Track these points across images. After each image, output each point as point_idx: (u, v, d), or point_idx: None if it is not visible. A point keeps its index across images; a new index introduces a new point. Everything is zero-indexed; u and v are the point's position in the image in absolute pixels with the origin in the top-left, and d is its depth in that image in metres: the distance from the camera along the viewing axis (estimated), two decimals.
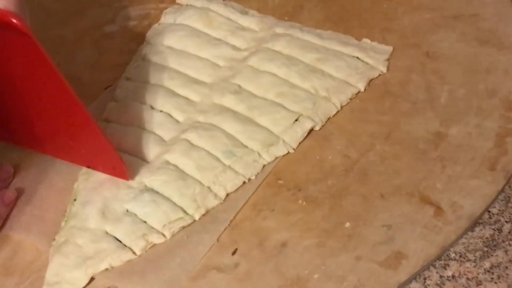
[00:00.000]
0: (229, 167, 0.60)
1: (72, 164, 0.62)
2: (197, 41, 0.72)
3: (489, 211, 0.57)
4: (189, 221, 0.56)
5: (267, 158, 0.61)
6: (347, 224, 0.55)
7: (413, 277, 0.52)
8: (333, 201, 0.57)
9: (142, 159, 0.61)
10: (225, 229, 0.56)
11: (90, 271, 0.53)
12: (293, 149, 0.62)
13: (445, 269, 0.53)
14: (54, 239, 0.56)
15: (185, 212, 0.57)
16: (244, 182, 0.59)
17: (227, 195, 0.59)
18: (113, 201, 0.57)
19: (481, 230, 0.56)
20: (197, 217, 0.57)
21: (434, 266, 0.53)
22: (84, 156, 0.60)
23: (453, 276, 0.53)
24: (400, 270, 0.52)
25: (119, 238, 0.55)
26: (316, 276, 0.52)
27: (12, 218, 0.59)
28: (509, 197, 0.58)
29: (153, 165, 0.60)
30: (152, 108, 0.65)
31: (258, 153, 0.61)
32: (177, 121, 0.64)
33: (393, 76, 0.68)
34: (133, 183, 0.59)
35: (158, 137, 0.63)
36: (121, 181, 0.59)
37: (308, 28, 0.74)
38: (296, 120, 0.63)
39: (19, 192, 0.60)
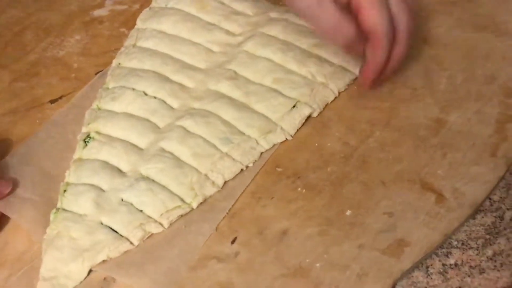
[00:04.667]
0: (227, 154, 0.58)
1: (64, 150, 0.60)
2: (191, 26, 0.70)
3: (490, 198, 0.56)
4: (187, 210, 0.55)
5: (265, 145, 0.60)
6: (348, 212, 0.54)
7: (416, 265, 0.52)
8: (333, 188, 0.56)
9: (135, 146, 0.60)
10: (224, 217, 0.55)
11: (87, 263, 0.51)
12: (291, 136, 0.61)
13: (448, 257, 0.52)
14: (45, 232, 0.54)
15: (182, 200, 0.55)
16: (242, 170, 0.58)
17: (225, 182, 0.57)
18: (107, 191, 0.56)
19: (483, 217, 0.55)
20: (195, 205, 0.55)
21: (437, 254, 0.53)
22: None
23: (455, 264, 0.52)
24: (403, 258, 0.51)
25: (116, 229, 0.53)
26: (318, 265, 0.51)
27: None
28: (510, 184, 0.57)
29: (148, 153, 0.58)
30: (145, 94, 0.63)
31: (256, 140, 0.60)
32: (172, 108, 0.63)
33: None
34: (128, 171, 0.57)
35: (152, 124, 0.61)
36: (115, 169, 0.58)
37: None
38: (294, 106, 0.62)
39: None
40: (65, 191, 0.56)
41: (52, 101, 0.66)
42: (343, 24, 0.58)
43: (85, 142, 0.60)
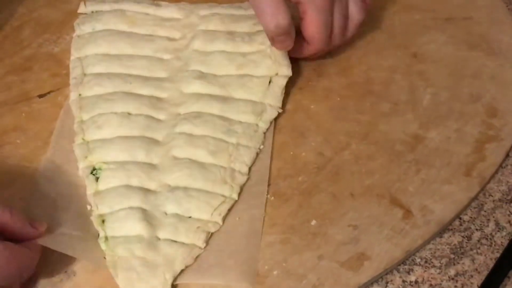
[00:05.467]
0: (238, 143, 0.60)
1: (78, 185, 0.58)
2: (130, 41, 0.68)
3: (460, 218, 0.56)
4: (232, 202, 0.56)
5: (263, 125, 0.62)
6: (313, 222, 0.54)
7: (375, 280, 0.51)
8: (302, 198, 0.56)
9: (147, 164, 0.58)
10: (267, 199, 0.56)
11: (168, 275, 0.51)
12: (281, 108, 0.63)
13: (409, 274, 0.52)
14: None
15: (223, 196, 0.56)
16: (257, 154, 0.59)
17: (249, 169, 0.58)
18: (148, 210, 0.55)
19: (450, 236, 0.54)
20: (235, 196, 0.56)
21: (398, 270, 0.52)
22: None
23: (416, 282, 0.51)
24: (361, 271, 0.51)
25: (176, 240, 0.53)
26: (275, 272, 0.51)
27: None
28: (482, 204, 0.57)
29: (164, 166, 0.58)
30: (130, 114, 0.62)
31: (256, 124, 0.61)
32: (160, 120, 0.62)
33: (377, 76, 0.67)
34: (156, 188, 0.56)
35: (150, 139, 0.60)
36: (142, 189, 0.56)
37: (226, 4, 0.72)
38: (270, 82, 0.64)
39: None
40: (103, 221, 0.55)
41: (40, 96, 0.67)
42: (280, 11, 0.59)
43: (93, 174, 0.58)
